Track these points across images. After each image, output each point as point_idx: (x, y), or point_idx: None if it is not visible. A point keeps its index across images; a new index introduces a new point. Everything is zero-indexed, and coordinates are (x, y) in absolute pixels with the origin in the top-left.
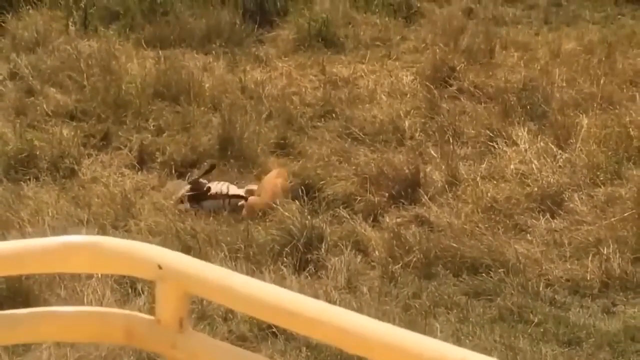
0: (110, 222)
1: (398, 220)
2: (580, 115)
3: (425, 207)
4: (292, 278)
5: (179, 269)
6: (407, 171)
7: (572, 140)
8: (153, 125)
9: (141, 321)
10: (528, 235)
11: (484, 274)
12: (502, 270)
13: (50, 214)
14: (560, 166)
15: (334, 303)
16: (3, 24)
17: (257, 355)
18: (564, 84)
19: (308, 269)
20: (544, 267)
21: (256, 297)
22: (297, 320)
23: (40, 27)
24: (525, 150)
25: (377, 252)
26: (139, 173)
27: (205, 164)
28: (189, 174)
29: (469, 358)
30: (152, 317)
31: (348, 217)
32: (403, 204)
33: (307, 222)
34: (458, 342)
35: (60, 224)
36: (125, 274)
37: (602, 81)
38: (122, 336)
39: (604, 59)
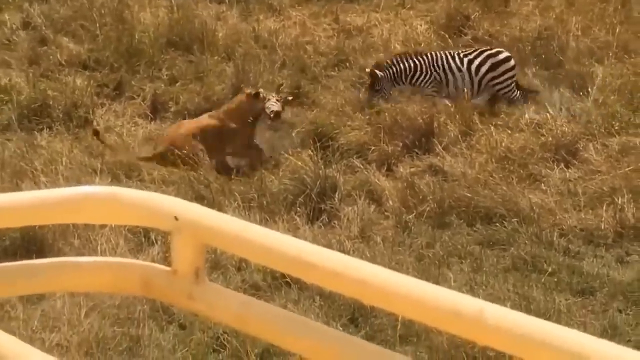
0: (124, 171)
1: (412, 169)
2: (596, 64)
3: (439, 157)
4: (305, 228)
5: (195, 219)
6: (421, 121)
7: (587, 90)
8: (166, 75)
9: (157, 272)
10: (542, 184)
11: (497, 224)
12: (515, 219)
13: (63, 163)
14: (574, 115)
15: (347, 253)
16: None
17: (272, 306)
18: (579, 33)
19: (321, 218)
20: (558, 217)
21: (272, 248)
22: (314, 272)
23: None
24: (540, 100)
25: (390, 202)
26: (152, 122)
27: None
28: None
29: (486, 309)
30: (168, 268)
31: (361, 166)
32: (417, 153)
33: (320, 171)
34: (471, 291)
35: (74, 174)
36: (141, 225)
37: (617, 30)
38: (139, 287)
39: (619, 7)
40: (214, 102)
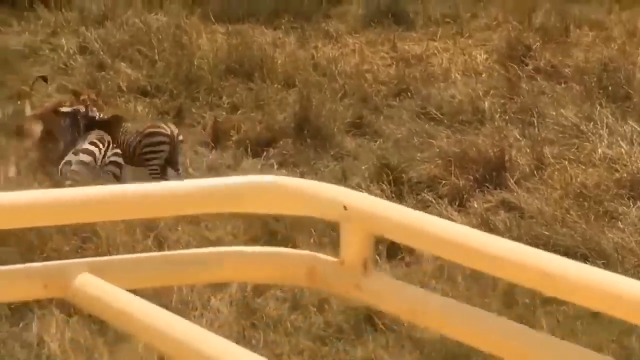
0: None
1: (485, 205)
2: None
3: (512, 192)
4: (386, 266)
5: (364, 209)
6: (491, 154)
7: None
8: (227, 103)
9: (324, 262)
10: (619, 222)
11: None
12: (602, 261)
13: None
14: None
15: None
16: None
17: (445, 299)
18: None
19: (399, 256)
20: None
21: (443, 237)
22: (492, 262)
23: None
24: (611, 134)
25: None
26: (214, 151)
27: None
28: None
29: None
30: (334, 258)
31: (433, 201)
32: (488, 188)
33: None
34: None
35: None
36: (308, 215)
37: None
38: (305, 277)
39: None
40: (276, 130)
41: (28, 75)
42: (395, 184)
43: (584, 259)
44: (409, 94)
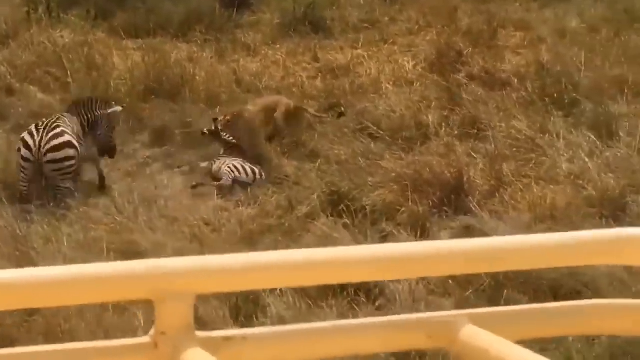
0: None
1: (448, 232)
2: (609, 102)
3: (476, 216)
4: (358, 311)
5: None
6: (448, 175)
7: (615, 134)
8: (149, 128)
9: None
10: None
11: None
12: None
13: (66, 243)
14: (609, 164)
15: None
16: None
17: None
18: (583, 67)
19: (373, 298)
20: (634, 289)
21: None
22: None
23: (8, 17)
24: (568, 146)
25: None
26: None
27: None
28: None
29: None
30: None
31: (395, 232)
32: (447, 212)
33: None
34: None
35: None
36: None
37: (623, 63)
38: None
39: (613, 37)
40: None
41: None
42: (349, 214)
43: (577, 293)
44: (342, 108)
